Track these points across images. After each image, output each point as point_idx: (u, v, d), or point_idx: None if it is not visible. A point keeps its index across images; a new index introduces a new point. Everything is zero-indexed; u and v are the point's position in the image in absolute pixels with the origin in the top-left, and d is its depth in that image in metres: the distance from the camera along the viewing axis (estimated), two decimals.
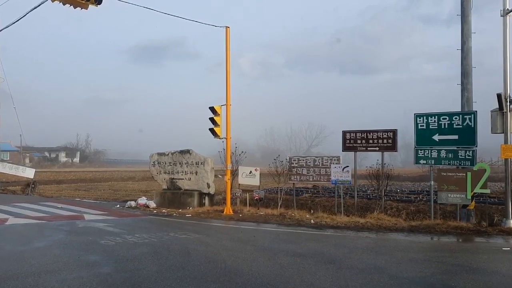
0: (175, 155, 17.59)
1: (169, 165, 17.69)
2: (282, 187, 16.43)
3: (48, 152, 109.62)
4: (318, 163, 15.41)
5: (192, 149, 17.43)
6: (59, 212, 14.46)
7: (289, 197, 19.49)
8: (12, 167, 24.28)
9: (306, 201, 19.83)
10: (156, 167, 18.05)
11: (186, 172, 17.23)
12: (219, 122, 15.73)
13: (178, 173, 17.42)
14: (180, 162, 17.41)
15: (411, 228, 12.30)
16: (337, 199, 15.83)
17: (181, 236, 10.04)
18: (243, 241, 9.65)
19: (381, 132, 15.03)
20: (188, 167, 17.20)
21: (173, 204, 16.96)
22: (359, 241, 10.05)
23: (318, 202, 19.80)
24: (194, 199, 16.69)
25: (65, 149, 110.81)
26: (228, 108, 15.63)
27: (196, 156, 17.12)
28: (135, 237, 9.78)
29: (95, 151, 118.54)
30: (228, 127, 15.63)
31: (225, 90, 15.71)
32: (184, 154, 17.36)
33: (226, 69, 15.67)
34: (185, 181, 17.27)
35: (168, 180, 17.69)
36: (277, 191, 23.41)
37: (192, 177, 17.09)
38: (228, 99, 15.65)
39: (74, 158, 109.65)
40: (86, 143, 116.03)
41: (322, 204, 19.51)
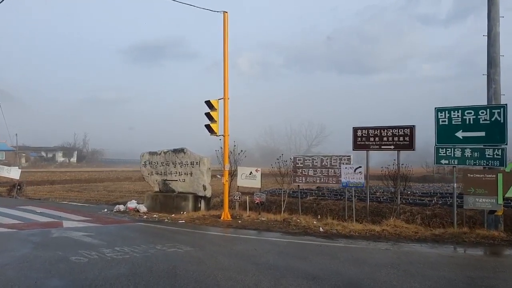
0: (168, 155, 16.03)
1: (162, 165, 16.13)
2: (286, 189, 14.87)
3: (45, 152, 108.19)
4: (326, 163, 13.87)
5: (186, 147, 15.89)
6: (36, 218, 12.90)
7: (292, 200, 17.97)
8: None
9: (310, 204, 18.25)
10: (148, 168, 16.49)
11: (180, 173, 15.67)
12: (216, 117, 14.18)
13: (171, 174, 15.86)
14: (173, 162, 15.85)
15: (434, 237, 10.78)
16: (346, 202, 14.32)
17: (169, 250, 8.49)
18: (242, 256, 8.09)
19: (397, 129, 13.49)
20: (182, 168, 15.65)
21: (165, 208, 15.41)
22: (379, 256, 8.50)
23: (324, 205, 18.24)
24: (188, 203, 15.14)
25: (62, 148, 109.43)
26: (226, 102, 14.08)
27: (191, 156, 15.57)
28: (114, 251, 8.22)
29: (93, 151, 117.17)
30: (226, 123, 14.08)
31: (222, 83, 14.17)
32: (178, 153, 15.80)
33: (223, 59, 14.12)
34: (178, 183, 15.71)
35: (161, 181, 16.13)
36: (279, 192, 21.88)
37: (186, 178, 15.54)
38: (225, 92, 14.10)
39: (71, 158, 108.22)
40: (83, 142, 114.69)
41: (329, 208, 17.96)
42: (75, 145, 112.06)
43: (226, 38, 14.00)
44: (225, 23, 13.92)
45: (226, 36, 14.00)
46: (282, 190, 14.85)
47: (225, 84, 14.10)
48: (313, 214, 15.82)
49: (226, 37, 14.01)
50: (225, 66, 14.09)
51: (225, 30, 13.97)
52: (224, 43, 14.00)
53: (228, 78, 14.17)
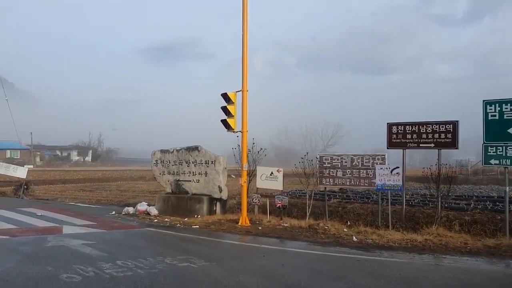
0: (181, 153, 14.70)
1: (174, 164, 14.80)
2: (312, 191, 13.41)
3: (60, 151, 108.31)
4: (357, 163, 12.38)
5: (200, 145, 14.54)
6: (35, 222, 11.67)
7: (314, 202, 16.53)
8: (2, 166, 21.64)
9: (335, 208, 16.74)
10: (159, 167, 15.18)
11: (194, 172, 14.33)
12: (233, 112, 12.80)
13: (185, 174, 14.53)
14: (187, 161, 14.51)
15: (488, 250, 9.25)
16: (380, 207, 12.83)
17: (181, 265, 7.12)
18: (268, 275, 6.68)
19: (437, 125, 11.96)
20: (196, 167, 14.30)
21: (178, 211, 14.09)
22: (432, 274, 7.01)
23: (350, 209, 16.71)
24: (203, 205, 13.79)
25: (77, 147, 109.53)
26: (245, 95, 12.69)
27: (206, 154, 14.21)
28: (115, 266, 6.89)
29: (107, 150, 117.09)
30: (244, 118, 12.68)
31: (241, 73, 12.77)
32: (192, 151, 14.46)
33: (242, 46, 12.73)
34: (192, 184, 14.37)
35: (173, 182, 14.81)
36: (299, 194, 20.42)
37: (201, 178, 14.19)
38: (244, 83, 12.70)
39: (86, 157, 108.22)
40: (98, 142, 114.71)
41: (356, 212, 16.42)
42: (90, 144, 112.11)
43: (245, 22, 12.60)
44: (245, 5, 12.51)
45: (245, 20, 12.60)
46: (307, 192, 13.39)
47: (244, 75, 12.71)
48: (338, 219, 14.33)
49: (246, 21, 12.60)
50: (244, 55, 12.71)
51: (244, 13, 12.56)
52: (243, 28, 12.60)
53: (247, 68, 12.78)
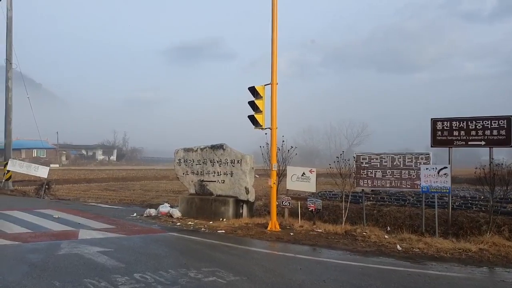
0: (205, 151, 13.82)
1: (198, 163, 13.92)
2: (349, 193, 12.33)
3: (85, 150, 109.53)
4: (398, 163, 11.24)
5: (226, 144, 13.62)
6: (50, 225, 10.94)
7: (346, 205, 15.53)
8: (23, 165, 21.23)
9: (370, 210, 15.63)
10: (182, 166, 14.33)
11: (218, 172, 13.42)
12: (262, 107, 11.83)
13: (209, 174, 13.64)
14: (211, 160, 13.62)
15: None
16: (424, 211, 11.67)
17: (206, 279, 6.19)
18: None
19: (489, 120, 10.75)
20: (221, 167, 13.39)
21: (202, 213, 13.22)
22: None
23: (386, 212, 15.55)
24: (228, 208, 12.86)
25: (102, 147, 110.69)
26: (274, 88, 11.70)
27: (232, 153, 13.28)
28: (132, 280, 6.01)
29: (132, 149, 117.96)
30: (273, 113, 11.70)
31: (270, 65, 11.79)
32: (216, 150, 13.56)
33: (272, 35, 11.75)
34: (217, 184, 13.47)
35: (197, 182, 13.94)
36: (330, 196, 19.33)
37: (226, 179, 13.27)
38: (274, 76, 11.72)
39: (111, 156, 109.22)
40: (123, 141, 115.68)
41: (393, 215, 15.27)
42: (115, 144, 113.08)
43: (275, 9, 11.62)
44: None
45: (275, 6, 11.61)
46: (343, 194, 12.30)
47: (273, 66, 11.72)
48: (374, 223, 13.24)
49: (275, 7, 11.61)
50: (274, 44, 11.72)
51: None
52: (273, 15, 11.61)
53: (277, 60, 11.78)
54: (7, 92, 21.79)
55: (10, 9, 21.87)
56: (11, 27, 21.89)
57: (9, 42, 21.83)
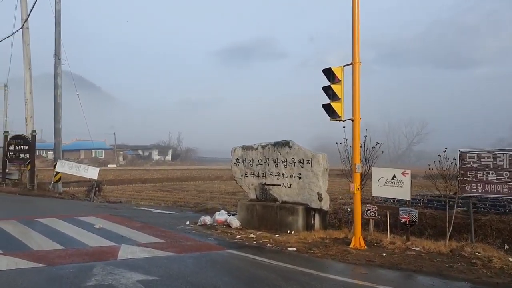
0: (267, 150, 11.66)
1: (259, 164, 11.79)
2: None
3: (142, 150, 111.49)
4: None
5: (292, 140, 11.40)
6: (88, 239, 9.14)
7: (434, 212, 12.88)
8: (72, 166, 20.07)
9: (463, 219, 12.90)
10: (240, 167, 12.25)
11: (284, 175, 11.22)
12: (340, 93, 9.49)
13: (272, 177, 11.46)
14: (274, 159, 11.44)
15: None
16: None
17: None
18: None
19: None
20: (287, 168, 11.18)
21: (265, 223, 11.08)
22: None
23: (485, 222, 12.70)
24: (297, 217, 10.62)
25: (157, 147, 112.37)
26: (357, 68, 9.32)
27: (300, 151, 11.03)
28: None
29: (186, 149, 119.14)
30: (356, 100, 9.32)
31: (351, 40, 9.43)
32: (281, 147, 11.36)
33: (353, 4, 9.39)
34: (282, 189, 11.27)
35: (258, 186, 11.81)
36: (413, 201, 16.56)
37: (293, 183, 11.04)
38: (356, 54, 9.34)
39: (166, 156, 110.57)
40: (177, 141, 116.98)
41: (494, 226, 12.41)
42: (170, 144, 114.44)
43: None
44: None
45: None
46: (447, 201, 9.67)
47: (354, 42, 9.35)
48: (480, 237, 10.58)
49: None
50: (355, 15, 9.35)
51: None
52: None
53: (359, 33, 9.40)
54: (56, 90, 20.76)
55: (59, 2, 20.82)
56: (59, 21, 20.86)
57: (57, 36, 20.80)
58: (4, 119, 30.11)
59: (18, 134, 23.27)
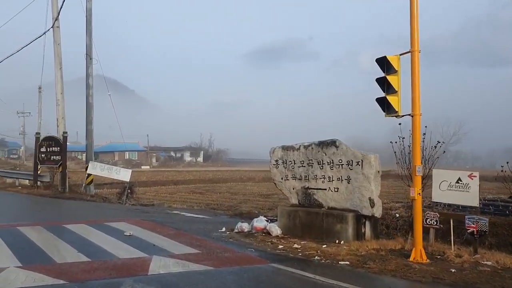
0: (310, 150, 10.60)
1: (301, 165, 10.74)
2: None
3: (174, 152, 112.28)
4: None
5: (339, 139, 10.31)
6: (116, 248, 8.32)
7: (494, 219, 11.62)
8: (104, 168, 19.56)
9: None
10: (280, 169, 11.24)
11: (330, 178, 10.13)
12: (397, 85, 8.36)
13: (316, 180, 10.40)
14: (319, 161, 10.37)
15: None
16: None
17: None
18: None
19: None
20: (333, 170, 10.09)
21: (309, 231, 10.04)
22: None
23: None
24: (346, 226, 9.51)
25: (189, 148, 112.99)
26: (416, 57, 8.16)
27: (348, 152, 9.92)
28: None
29: (218, 151, 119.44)
30: (415, 93, 8.16)
31: (409, 24, 8.29)
32: (326, 147, 10.28)
33: None
34: (328, 194, 10.19)
35: (300, 190, 10.77)
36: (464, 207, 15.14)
37: (341, 186, 9.95)
38: (414, 40, 8.19)
39: (198, 158, 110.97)
40: (209, 142, 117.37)
41: None
42: (201, 145, 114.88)
43: None
44: None
45: None
46: None
47: (413, 27, 8.20)
48: None
49: None
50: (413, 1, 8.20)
51: None
52: None
53: (418, 17, 8.24)
54: (87, 90, 20.37)
55: (90, 0, 20.43)
56: (90, 19, 20.46)
57: (89, 35, 20.41)
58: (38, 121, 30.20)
59: (49, 135, 23.06)
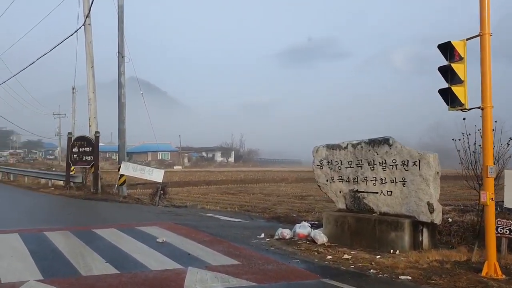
0: (359, 149, 9.61)
1: (349, 166, 9.76)
2: None
3: (205, 152, 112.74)
4: None
5: (392, 137, 9.28)
6: (148, 258, 7.58)
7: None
8: (137, 168, 19.07)
9: None
10: (325, 170, 10.28)
11: (382, 180, 9.12)
12: (463, 74, 7.29)
13: (367, 182, 9.40)
14: (369, 161, 9.36)
15: None
16: None
17: None
18: None
19: None
20: (386, 171, 9.07)
21: (359, 240, 9.06)
22: None
23: None
24: (403, 234, 8.48)
25: (220, 149, 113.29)
26: (487, 40, 7.07)
27: (403, 151, 8.89)
28: None
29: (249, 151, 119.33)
30: (486, 82, 7.07)
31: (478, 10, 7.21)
32: (378, 146, 9.27)
33: None
34: (380, 197, 9.18)
35: (348, 193, 9.79)
36: None
37: (395, 189, 8.92)
38: (484, 22, 7.10)
39: (229, 158, 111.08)
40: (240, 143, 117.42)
41: None
42: (232, 145, 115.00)
43: None
44: None
45: None
46: None
47: (483, 6, 7.11)
48: None
49: None
50: None
51: None
52: None
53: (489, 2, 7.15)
54: (119, 89, 19.98)
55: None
56: (122, 17, 20.05)
57: (121, 33, 20.01)
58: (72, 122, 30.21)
59: (81, 135, 22.84)
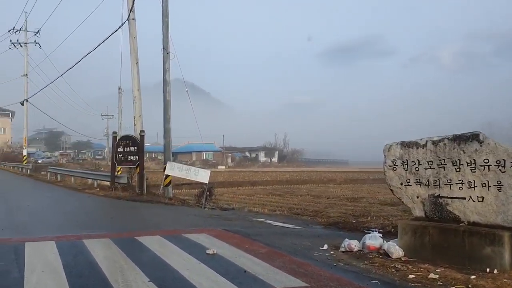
0: (441, 147, 8.13)
1: (429, 167, 8.30)
2: None
3: (249, 152, 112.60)
4: None
5: (482, 132, 7.76)
6: (197, 276, 6.39)
7: None
8: (182, 169, 18.25)
9: None
10: (399, 171, 8.85)
11: (471, 183, 7.62)
12: None
13: (451, 186, 7.91)
14: (454, 161, 7.88)
15: None
16: None
17: None
18: None
19: None
20: (475, 173, 7.57)
21: (443, 254, 7.60)
22: None
23: None
24: (501, 249, 6.96)
25: (264, 148, 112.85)
26: None
27: (498, 149, 7.35)
28: None
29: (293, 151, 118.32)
30: None
31: None
32: (465, 143, 7.77)
33: None
34: (469, 204, 7.68)
35: (427, 199, 8.34)
36: None
37: (487, 195, 7.41)
38: None
39: (273, 158, 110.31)
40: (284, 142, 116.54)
41: None
42: (276, 145, 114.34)
43: None
44: None
45: None
46: None
47: None
48: None
49: None
50: None
51: None
52: None
53: None
54: (164, 86, 19.27)
55: None
56: (167, 12, 19.31)
57: (165, 28, 19.26)
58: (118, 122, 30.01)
59: (126, 134, 22.38)
